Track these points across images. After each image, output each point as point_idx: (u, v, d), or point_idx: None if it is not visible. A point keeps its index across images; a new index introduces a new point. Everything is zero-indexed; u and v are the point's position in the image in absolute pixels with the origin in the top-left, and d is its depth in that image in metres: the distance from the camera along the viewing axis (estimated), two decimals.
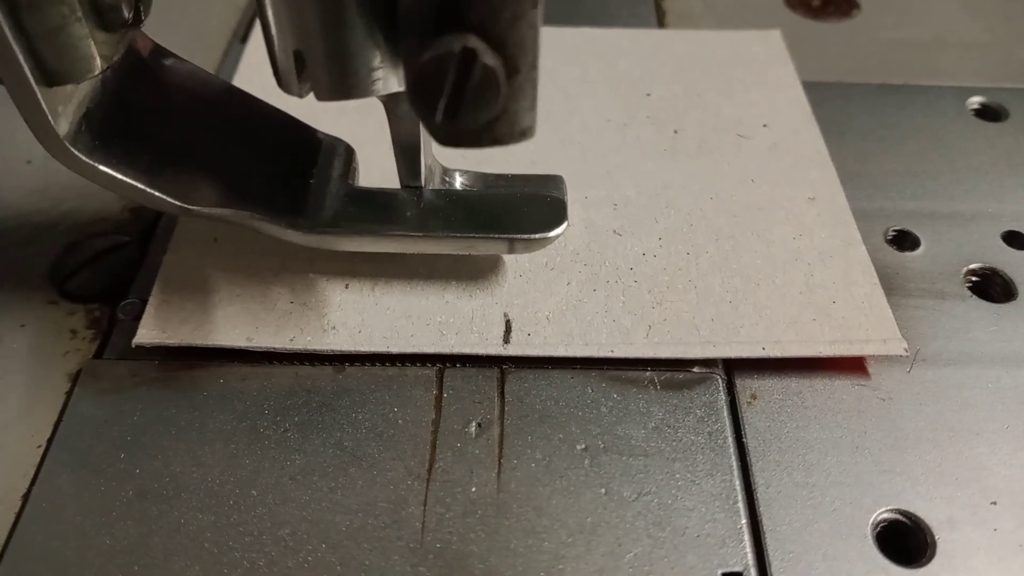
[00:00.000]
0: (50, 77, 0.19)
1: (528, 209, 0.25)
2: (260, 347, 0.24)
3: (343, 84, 0.19)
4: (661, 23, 0.39)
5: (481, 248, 0.25)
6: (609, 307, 0.25)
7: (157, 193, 0.22)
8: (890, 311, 0.25)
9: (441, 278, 0.26)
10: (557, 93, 0.33)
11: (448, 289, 0.26)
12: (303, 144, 0.26)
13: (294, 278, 0.26)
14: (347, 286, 0.26)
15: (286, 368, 0.24)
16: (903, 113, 0.34)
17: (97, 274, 0.27)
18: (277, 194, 0.24)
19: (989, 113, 0.34)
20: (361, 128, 0.30)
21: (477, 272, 0.26)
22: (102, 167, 0.21)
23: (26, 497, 0.21)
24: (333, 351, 0.24)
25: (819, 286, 0.26)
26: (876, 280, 0.26)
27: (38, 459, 0.22)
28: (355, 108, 0.31)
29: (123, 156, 0.21)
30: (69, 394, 0.24)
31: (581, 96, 0.33)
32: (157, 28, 0.24)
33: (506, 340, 0.24)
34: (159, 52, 0.24)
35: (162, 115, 0.24)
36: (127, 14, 0.20)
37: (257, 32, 0.35)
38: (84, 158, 0.20)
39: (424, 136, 0.24)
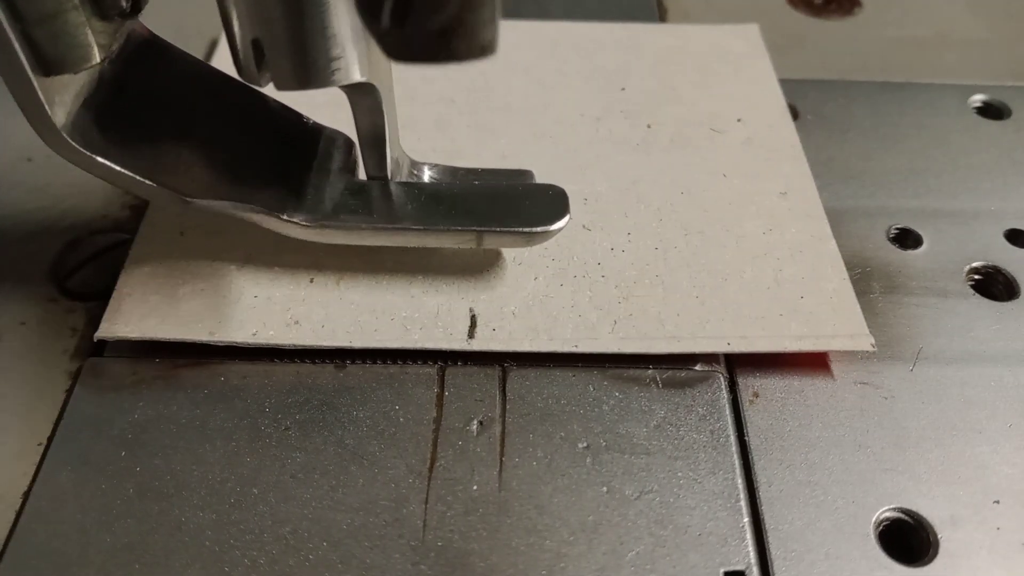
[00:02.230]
0: (47, 66, 0.19)
1: (530, 202, 0.25)
2: (223, 342, 0.24)
3: (302, 73, 0.19)
4: (663, 20, 0.39)
5: (482, 242, 0.25)
6: (576, 302, 0.25)
7: (156, 185, 0.22)
8: (858, 306, 0.25)
9: (407, 272, 0.26)
10: (532, 86, 0.33)
11: (414, 283, 0.26)
12: (303, 135, 0.26)
13: (259, 272, 0.26)
14: (312, 280, 0.25)
15: (287, 366, 0.24)
16: (905, 111, 0.34)
17: (98, 271, 0.26)
18: (277, 186, 0.24)
19: (991, 111, 0.34)
20: (333, 122, 0.30)
21: (444, 267, 0.26)
22: (100, 158, 0.21)
23: (26, 495, 0.21)
24: (295, 346, 0.24)
25: (788, 281, 0.26)
26: (845, 275, 0.26)
27: (38, 457, 0.22)
28: (327, 100, 0.31)
29: (121, 147, 0.21)
30: (69, 392, 0.24)
31: (556, 89, 0.33)
32: (155, 20, 0.24)
33: (471, 335, 0.24)
34: (157, 43, 0.24)
35: (161, 106, 0.23)
36: (125, 3, 0.19)
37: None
38: (82, 149, 0.20)
39: (390, 128, 0.23)
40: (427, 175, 0.27)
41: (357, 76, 0.20)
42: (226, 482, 0.22)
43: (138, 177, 0.21)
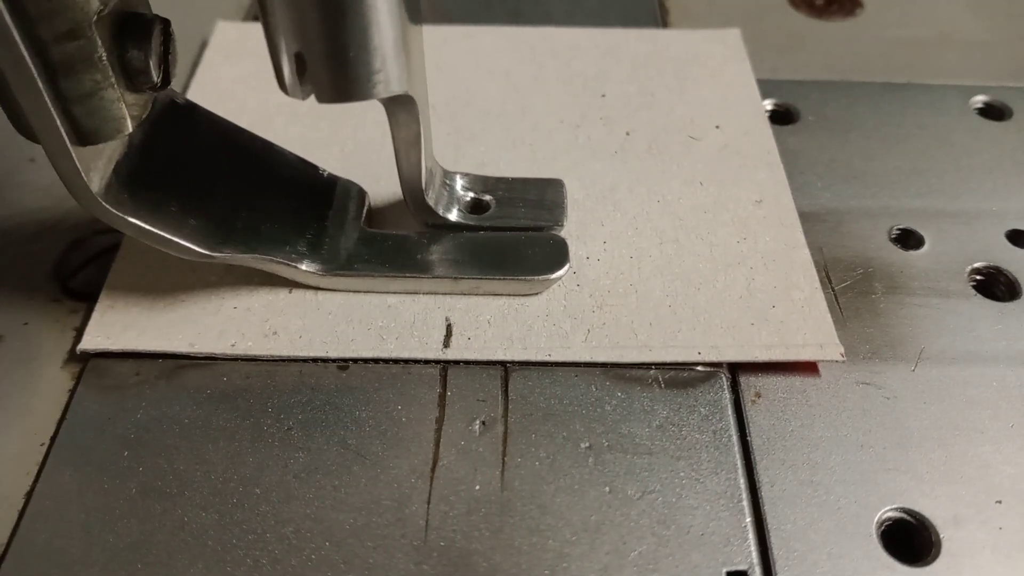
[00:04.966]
0: (84, 137, 0.20)
1: (532, 251, 0.26)
2: (202, 353, 0.24)
3: (344, 86, 0.20)
4: (664, 22, 0.39)
5: (486, 288, 0.25)
6: (550, 311, 0.25)
7: (184, 242, 0.22)
8: (828, 315, 0.25)
9: None
10: (511, 92, 0.33)
11: (391, 293, 0.26)
12: (319, 187, 0.27)
13: (239, 283, 0.26)
14: (291, 291, 0.26)
15: (290, 366, 0.24)
16: (907, 112, 0.34)
17: (100, 272, 0.26)
18: (295, 237, 0.25)
19: (993, 112, 0.34)
20: (314, 131, 0.31)
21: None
22: (131, 219, 0.22)
23: (29, 495, 0.21)
24: (272, 356, 0.24)
25: (760, 290, 0.26)
26: (817, 284, 0.26)
27: (41, 457, 0.22)
28: (308, 111, 0.32)
29: (150, 207, 0.22)
30: (72, 392, 0.24)
31: (535, 96, 0.33)
32: None
33: (446, 344, 0.24)
34: (180, 104, 0.25)
35: (185, 164, 0.24)
36: (156, 78, 0.20)
37: (213, 42, 0.35)
38: (115, 211, 0.21)
39: (425, 138, 0.24)
40: (459, 183, 0.27)
41: (397, 88, 0.20)
42: (229, 482, 0.22)
43: (166, 235, 0.22)
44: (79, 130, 0.20)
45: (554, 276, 0.25)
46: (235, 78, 0.33)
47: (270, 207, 0.25)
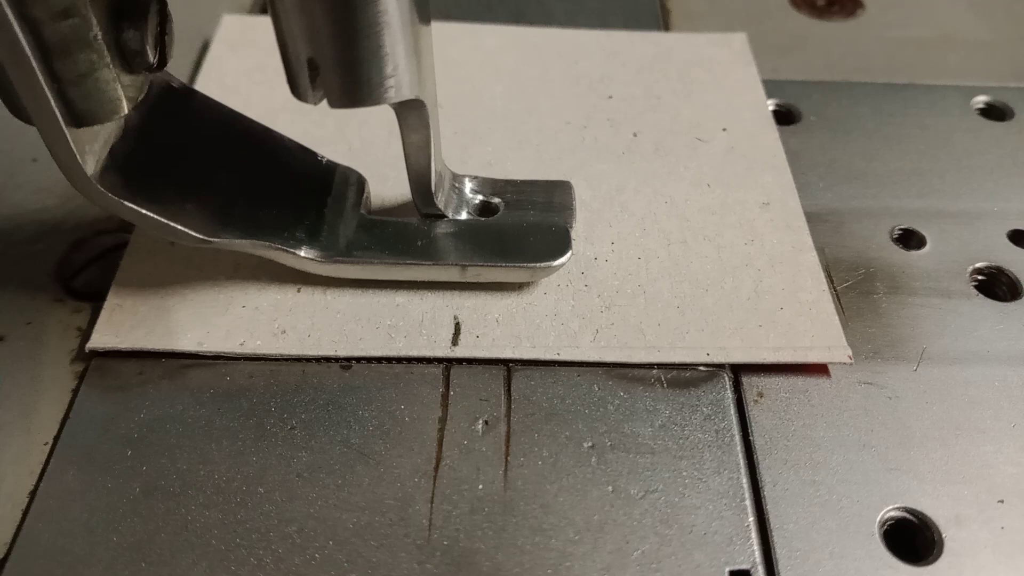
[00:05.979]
0: (78, 119, 0.20)
1: (534, 239, 0.26)
2: (210, 352, 0.24)
3: (356, 91, 0.20)
4: (665, 22, 0.39)
5: (488, 276, 0.25)
6: (558, 311, 0.25)
7: (180, 227, 0.22)
8: (836, 318, 0.25)
9: (393, 281, 0.26)
10: (517, 92, 0.33)
11: (400, 292, 0.26)
12: (318, 173, 0.27)
13: (247, 282, 0.26)
14: (299, 290, 0.26)
15: (293, 365, 0.24)
16: (908, 112, 0.34)
17: (103, 272, 0.26)
18: (294, 224, 0.25)
19: (994, 112, 0.34)
20: (319, 128, 0.31)
21: None
22: (127, 203, 0.21)
23: (33, 494, 0.21)
24: (281, 356, 0.24)
25: (767, 292, 0.26)
26: (824, 286, 0.26)
27: (45, 456, 0.22)
28: (315, 108, 0.32)
29: (146, 191, 0.22)
30: (75, 391, 0.24)
31: (541, 96, 0.33)
32: None
33: (454, 342, 0.24)
34: (178, 88, 0.25)
35: (182, 148, 0.24)
36: (152, 58, 0.20)
37: (218, 37, 0.35)
38: (111, 196, 0.21)
39: (435, 142, 0.24)
40: (468, 186, 0.27)
41: (408, 93, 0.20)
42: (232, 481, 0.22)
43: (162, 220, 0.22)
44: (74, 111, 0.19)
45: (556, 263, 0.25)
46: (240, 72, 0.33)
47: (269, 193, 0.25)
